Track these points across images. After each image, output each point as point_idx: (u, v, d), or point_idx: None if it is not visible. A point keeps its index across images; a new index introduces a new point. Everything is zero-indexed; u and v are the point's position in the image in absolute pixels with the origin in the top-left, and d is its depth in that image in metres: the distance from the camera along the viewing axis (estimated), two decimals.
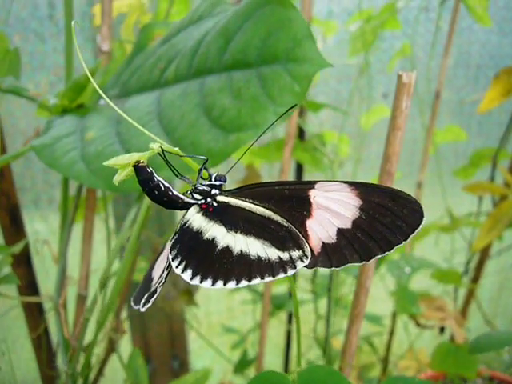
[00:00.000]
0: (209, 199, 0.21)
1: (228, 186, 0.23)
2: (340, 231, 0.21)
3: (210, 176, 0.22)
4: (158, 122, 0.29)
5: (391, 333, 0.70)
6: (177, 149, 0.21)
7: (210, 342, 0.74)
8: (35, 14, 0.71)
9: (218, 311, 0.98)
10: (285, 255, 0.20)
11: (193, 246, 0.20)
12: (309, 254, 0.21)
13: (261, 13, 0.25)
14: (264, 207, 0.21)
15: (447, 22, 0.77)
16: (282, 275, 0.20)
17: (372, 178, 0.87)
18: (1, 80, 0.50)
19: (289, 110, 0.23)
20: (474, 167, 0.74)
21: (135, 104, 0.32)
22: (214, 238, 0.20)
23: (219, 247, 0.20)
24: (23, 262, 0.59)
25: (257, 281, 0.20)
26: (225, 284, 0.20)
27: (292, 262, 0.20)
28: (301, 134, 0.66)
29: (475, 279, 0.81)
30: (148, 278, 0.24)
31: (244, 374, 0.70)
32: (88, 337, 0.45)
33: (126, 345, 0.89)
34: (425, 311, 0.66)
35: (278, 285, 0.80)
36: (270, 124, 0.23)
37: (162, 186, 0.21)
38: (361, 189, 0.21)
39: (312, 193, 0.21)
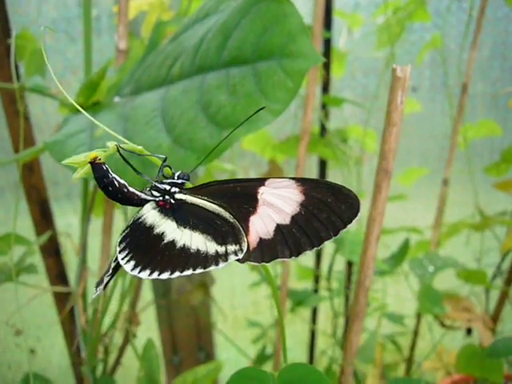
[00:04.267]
0: (167, 196, 0.22)
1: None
2: (278, 227, 0.22)
3: (173, 174, 0.23)
4: (161, 118, 0.29)
5: (415, 333, 0.68)
6: (141, 147, 0.21)
7: (228, 335, 0.75)
8: (65, 15, 0.74)
9: (244, 305, 0.98)
10: (221, 249, 0.21)
11: (142, 240, 0.21)
12: (244, 248, 0.22)
13: (257, 8, 0.25)
14: (216, 204, 0.22)
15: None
16: (212, 267, 0.21)
17: (398, 174, 0.85)
18: (28, 79, 0.53)
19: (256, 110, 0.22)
20: (506, 164, 0.71)
21: (143, 101, 0.33)
22: (163, 233, 0.21)
23: (165, 241, 0.21)
24: (53, 254, 0.61)
25: (189, 272, 0.21)
26: (159, 275, 0.21)
27: (225, 256, 0.21)
28: (323, 128, 0.65)
29: (509, 280, 0.78)
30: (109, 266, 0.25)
31: (263, 368, 0.71)
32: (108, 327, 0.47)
33: (153, 336, 0.92)
34: (450, 312, 0.65)
35: (300, 281, 0.79)
36: (263, 120, 0.23)
37: (116, 182, 0.22)
38: (306, 185, 0.21)
39: (261, 190, 0.22)
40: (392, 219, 0.94)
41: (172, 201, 0.22)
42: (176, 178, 0.23)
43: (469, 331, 0.70)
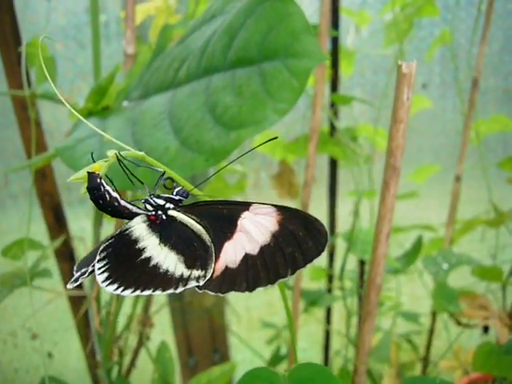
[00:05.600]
0: (160, 212, 0.22)
1: (263, 182, 0.24)
2: (245, 257, 0.21)
3: (174, 188, 0.23)
4: (168, 121, 0.29)
5: (431, 331, 0.68)
6: (142, 153, 0.21)
7: (243, 337, 0.75)
8: (74, 22, 0.75)
9: (258, 306, 0.98)
10: (187, 273, 0.21)
11: (122, 253, 0.21)
12: (209, 276, 0.21)
13: (261, 8, 0.25)
14: (201, 225, 0.22)
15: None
16: (170, 291, 0.21)
17: (409, 172, 0.85)
18: (39, 86, 0.53)
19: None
20: None
21: (151, 104, 0.33)
22: (144, 248, 0.21)
23: (143, 257, 0.21)
24: (67, 258, 0.62)
25: (148, 292, 0.21)
26: (123, 291, 0.20)
27: (187, 280, 0.21)
28: (332, 127, 0.65)
29: None
30: (94, 254, 0.23)
31: (277, 369, 0.71)
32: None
33: (168, 339, 0.92)
34: (466, 309, 0.64)
35: (313, 281, 0.79)
36: (269, 120, 0.23)
37: (107, 195, 0.22)
38: (284, 214, 0.21)
39: (244, 215, 0.21)
40: (405, 217, 0.93)
41: (164, 217, 0.22)
42: (175, 193, 0.22)
43: (485, 329, 0.69)
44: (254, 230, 0.21)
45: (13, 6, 0.56)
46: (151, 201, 0.22)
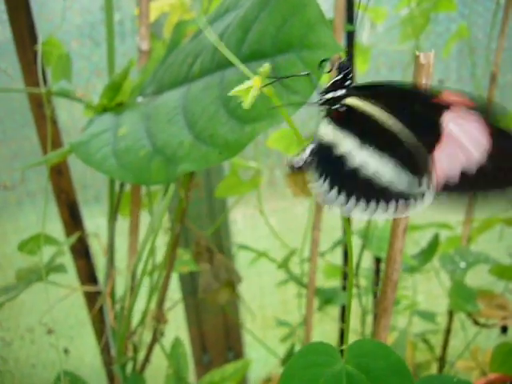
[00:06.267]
0: (336, 105, 0.19)
1: (277, 180, 0.23)
2: (462, 170, 0.18)
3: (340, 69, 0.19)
4: (182, 116, 0.29)
5: (447, 331, 0.67)
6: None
7: (257, 335, 0.74)
8: (89, 20, 0.75)
9: (272, 304, 0.98)
10: (414, 183, 0.17)
11: (330, 162, 0.18)
12: (435, 187, 0.18)
13: (275, 0, 0.25)
14: (394, 119, 0.18)
15: None
16: (392, 206, 0.18)
17: None
18: (55, 83, 0.54)
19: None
20: None
21: (165, 99, 0.33)
22: (348, 153, 0.18)
23: (350, 164, 0.18)
24: (83, 255, 0.63)
25: (371, 207, 0.17)
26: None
27: (419, 195, 0.18)
28: None
29: None
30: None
31: None
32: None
33: (183, 336, 0.92)
34: (484, 309, 0.63)
35: (328, 279, 0.79)
36: (284, 113, 0.23)
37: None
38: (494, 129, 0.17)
39: (446, 116, 0.18)
40: (422, 215, 0.92)
41: (341, 108, 0.19)
42: (339, 71, 0.19)
43: (504, 329, 0.68)
44: (466, 139, 0.17)
45: (29, 6, 0.57)
46: (323, 98, 0.19)
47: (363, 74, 0.79)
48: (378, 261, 0.61)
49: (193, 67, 0.32)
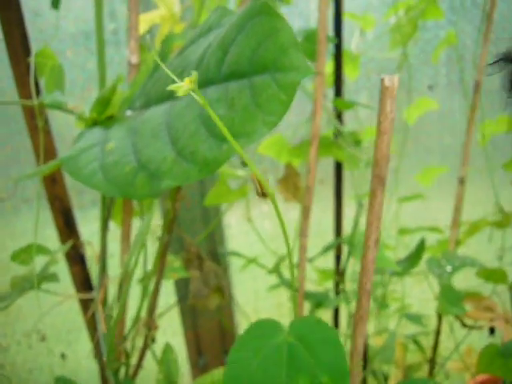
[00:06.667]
0: None
1: (270, 185, 0.25)
2: None
3: None
4: (167, 132, 0.31)
5: (437, 333, 0.68)
6: None
7: None
8: (84, 29, 0.76)
9: (267, 308, 0.99)
10: None
11: None
12: None
13: (251, 24, 0.26)
14: None
15: (498, 7, 0.73)
16: None
17: (416, 173, 0.85)
18: (48, 95, 0.55)
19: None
20: None
21: (151, 115, 0.34)
22: None
23: None
24: (78, 261, 0.64)
25: None
26: None
27: None
28: (337, 131, 0.65)
29: None
30: None
31: None
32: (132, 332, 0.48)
33: (179, 340, 0.94)
34: (472, 311, 0.64)
35: (321, 283, 0.80)
36: (259, 133, 0.24)
37: None
38: None
39: None
40: (414, 218, 0.93)
41: None
42: None
43: (492, 331, 0.69)
44: None
45: (22, 16, 0.58)
46: None
47: (354, 80, 0.80)
48: None
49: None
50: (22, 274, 0.46)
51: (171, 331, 0.94)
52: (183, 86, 0.22)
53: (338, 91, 0.59)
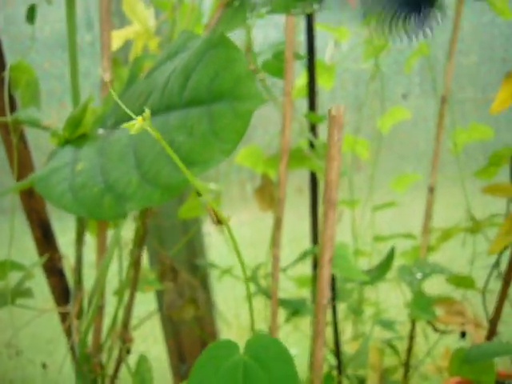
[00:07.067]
0: None
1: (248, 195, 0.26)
2: None
3: None
4: (133, 154, 0.32)
5: (411, 337, 0.70)
6: None
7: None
8: (60, 41, 0.77)
9: (248, 313, 1.00)
10: None
11: None
12: None
13: (209, 54, 0.27)
14: None
15: (467, 18, 0.75)
16: None
17: (390, 181, 0.87)
18: (23, 109, 0.56)
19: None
20: (494, 167, 0.72)
21: (119, 136, 0.35)
22: None
23: None
24: (56, 273, 0.64)
25: None
26: None
27: None
28: (311, 143, 0.67)
29: (507, 280, 0.79)
30: None
31: None
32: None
33: (160, 348, 0.94)
34: (443, 316, 0.66)
35: (300, 289, 0.81)
36: (216, 160, 0.26)
37: None
38: None
39: None
40: (389, 224, 0.95)
41: None
42: None
43: (463, 335, 0.71)
44: None
45: None
46: None
47: (330, 90, 0.82)
48: (332, 278, 0.64)
49: (145, 106, 0.34)
50: None
51: (152, 339, 0.95)
52: (136, 124, 0.23)
53: (312, 104, 0.60)
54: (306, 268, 0.83)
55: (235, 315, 0.98)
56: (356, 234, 0.81)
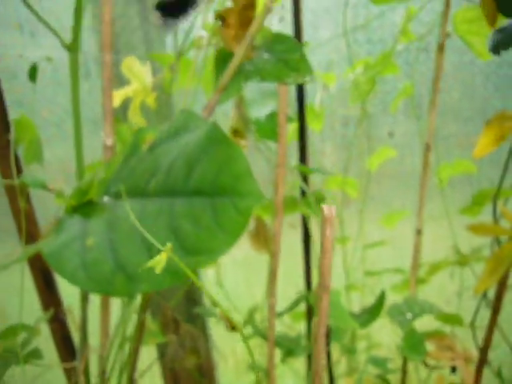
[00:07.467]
0: None
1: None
2: None
3: None
4: (140, 235, 0.34)
5: (403, 372, 0.72)
6: None
7: (231, 379, 0.78)
8: (59, 91, 0.80)
9: (244, 349, 1.02)
10: None
11: None
12: None
13: (213, 150, 0.30)
14: None
15: (448, 58, 0.79)
16: None
17: (380, 217, 0.90)
18: (27, 167, 0.58)
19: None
20: (478, 206, 0.76)
21: (126, 212, 0.38)
22: None
23: None
24: (59, 328, 0.66)
25: None
26: None
27: None
28: (302, 191, 0.70)
29: (495, 311, 0.82)
30: None
31: None
32: None
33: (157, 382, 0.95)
34: (434, 351, 0.68)
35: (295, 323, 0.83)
36: (221, 251, 0.28)
37: None
38: None
39: None
40: (381, 257, 0.98)
41: None
42: None
43: (453, 369, 0.74)
44: None
45: (1, 91, 0.61)
46: None
47: (319, 131, 0.85)
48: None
49: (149, 184, 0.37)
50: (5, 346, 0.48)
51: (150, 374, 0.96)
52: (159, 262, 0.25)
53: (303, 156, 0.63)
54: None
55: (232, 350, 1.00)
56: (347, 269, 0.84)
